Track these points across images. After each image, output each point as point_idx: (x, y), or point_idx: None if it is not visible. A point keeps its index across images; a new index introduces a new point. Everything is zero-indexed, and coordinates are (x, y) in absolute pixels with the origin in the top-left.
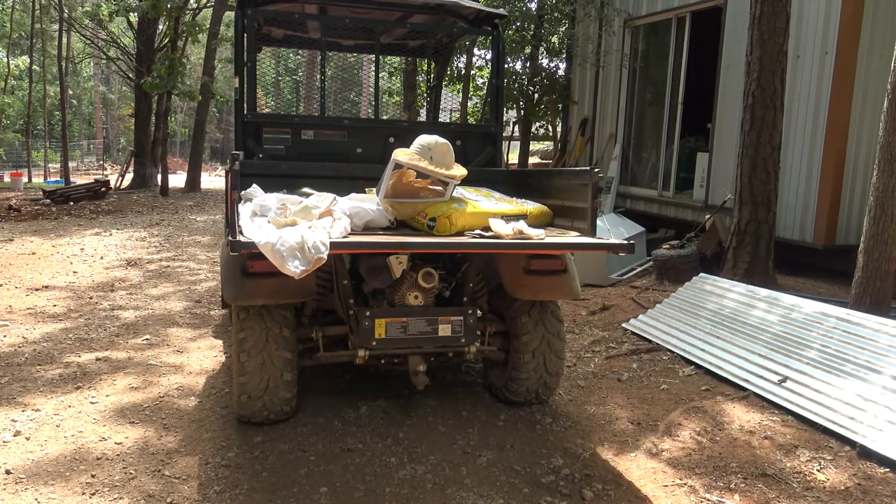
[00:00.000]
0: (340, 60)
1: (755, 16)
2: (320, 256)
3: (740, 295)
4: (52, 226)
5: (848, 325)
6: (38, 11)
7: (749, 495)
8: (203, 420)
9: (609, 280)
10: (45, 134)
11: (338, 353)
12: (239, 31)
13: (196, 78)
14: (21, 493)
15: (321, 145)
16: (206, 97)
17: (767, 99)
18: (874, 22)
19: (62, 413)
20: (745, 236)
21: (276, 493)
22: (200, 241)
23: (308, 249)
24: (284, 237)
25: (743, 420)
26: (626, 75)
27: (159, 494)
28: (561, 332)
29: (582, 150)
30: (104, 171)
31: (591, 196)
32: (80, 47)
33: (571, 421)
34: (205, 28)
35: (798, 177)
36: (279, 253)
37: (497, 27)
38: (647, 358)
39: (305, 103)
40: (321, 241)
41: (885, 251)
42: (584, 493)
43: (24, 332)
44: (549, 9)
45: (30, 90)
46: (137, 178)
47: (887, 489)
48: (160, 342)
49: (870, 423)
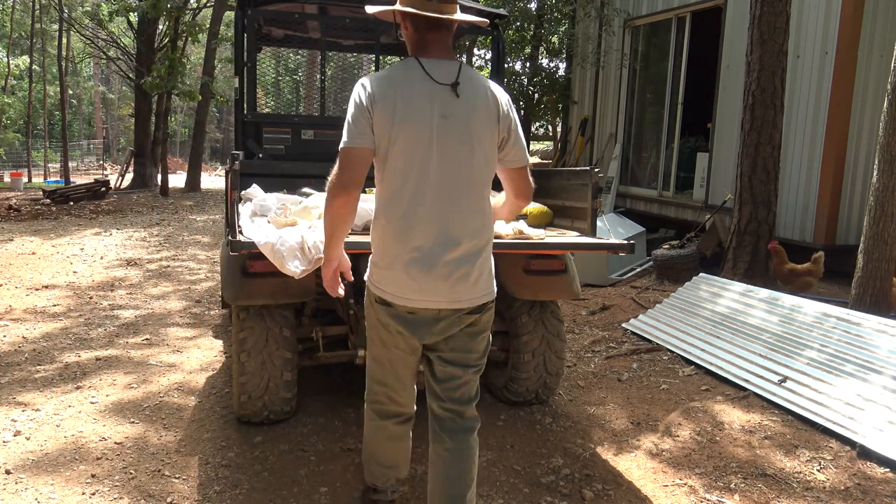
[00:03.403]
0: (340, 60)
1: (755, 16)
2: (320, 256)
3: (740, 295)
4: (52, 226)
5: (848, 325)
6: (38, 11)
7: (749, 495)
8: (203, 420)
9: (609, 280)
10: (45, 134)
11: (338, 353)
12: (239, 31)
13: (196, 78)
14: (21, 492)
15: (321, 145)
16: (206, 97)
17: (767, 99)
18: (874, 22)
19: (62, 413)
20: (745, 236)
21: (276, 493)
22: (200, 241)
23: (308, 249)
24: (284, 237)
25: (743, 420)
26: (626, 75)
27: (159, 494)
28: (561, 332)
29: (582, 150)
30: (104, 171)
31: (591, 196)
32: (80, 47)
33: (571, 421)
34: (205, 28)
35: (798, 177)
36: (279, 253)
37: (497, 27)
38: (647, 358)
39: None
40: (321, 240)
41: (885, 251)
42: (584, 493)
43: (24, 331)
44: (549, 9)
45: (30, 90)
46: (137, 178)
47: (887, 489)
48: (160, 342)
49: (870, 423)
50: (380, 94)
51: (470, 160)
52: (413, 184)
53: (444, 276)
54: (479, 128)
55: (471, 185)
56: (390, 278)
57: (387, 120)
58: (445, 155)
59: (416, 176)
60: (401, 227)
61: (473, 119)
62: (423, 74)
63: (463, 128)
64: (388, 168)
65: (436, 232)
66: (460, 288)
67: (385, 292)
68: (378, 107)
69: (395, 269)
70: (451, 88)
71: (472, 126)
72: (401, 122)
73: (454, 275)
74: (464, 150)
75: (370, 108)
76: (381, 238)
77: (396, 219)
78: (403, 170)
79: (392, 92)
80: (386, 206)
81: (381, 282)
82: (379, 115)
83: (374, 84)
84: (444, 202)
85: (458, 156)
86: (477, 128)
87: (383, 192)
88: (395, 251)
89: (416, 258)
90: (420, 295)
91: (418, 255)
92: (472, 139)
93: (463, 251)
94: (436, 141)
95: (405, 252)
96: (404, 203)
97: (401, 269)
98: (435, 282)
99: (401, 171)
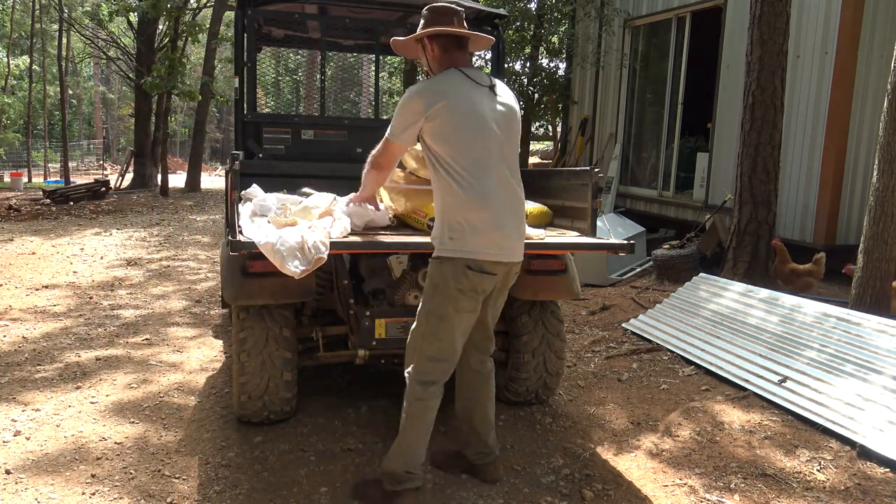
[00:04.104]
0: (340, 60)
1: (755, 16)
2: (321, 256)
3: (740, 295)
4: (52, 226)
5: (848, 325)
6: (38, 11)
7: (749, 495)
8: (203, 420)
9: (609, 280)
10: (45, 134)
11: (338, 353)
12: (239, 31)
13: (196, 78)
14: (21, 493)
15: (321, 145)
16: (206, 97)
17: (767, 99)
18: (874, 22)
19: (62, 413)
20: (745, 236)
21: (276, 493)
22: (200, 241)
23: (308, 249)
24: (284, 237)
25: (743, 420)
26: (626, 75)
27: (159, 494)
28: (561, 332)
29: (582, 150)
30: (104, 171)
31: (591, 196)
32: (80, 47)
33: (571, 421)
34: (205, 28)
35: (798, 177)
36: (279, 253)
37: (497, 27)
38: (647, 358)
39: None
40: (321, 240)
41: (885, 251)
42: (584, 493)
43: (24, 331)
44: (549, 9)
45: (30, 90)
46: (137, 178)
47: (887, 489)
48: (160, 342)
49: (870, 423)
50: (440, 95)
51: (510, 146)
52: (481, 164)
53: (509, 236)
54: (513, 121)
55: (515, 164)
56: (479, 242)
57: (453, 112)
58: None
59: (483, 156)
60: (477, 196)
61: (508, 114)
62: (466, 78)
63: (503, 120)
64: (461, 152)
65: (503, 200)
66: (518, 246)
67: (476, 254)
68: (440, 103)
69: (483, 232)
70: (489, 90)
71: (508, 119)
72: (463, 113)
73: (515, 235)
74: (505, 137)
75: (430, 106)
76: (463, 209)
77: (476, 190)
78: (471, 153)
79: (450, 91)
80: (463, 183)
81: (469, 246)
82: (442, 110)
83: (431, 86)
84: (502, 177)
85: (502, 141)
86: (512, 121)
87: (459, 174)
88: (476, 216)
89: (497, 223)
90: (501, 252)
91: (497, 220)
92: (511, 130)
93: (518, 217)
94: (490, 129)
95: (487, 217)
96: (480, 178)
97: (488, 231)
98: (509, 239)
99: (472, 154)
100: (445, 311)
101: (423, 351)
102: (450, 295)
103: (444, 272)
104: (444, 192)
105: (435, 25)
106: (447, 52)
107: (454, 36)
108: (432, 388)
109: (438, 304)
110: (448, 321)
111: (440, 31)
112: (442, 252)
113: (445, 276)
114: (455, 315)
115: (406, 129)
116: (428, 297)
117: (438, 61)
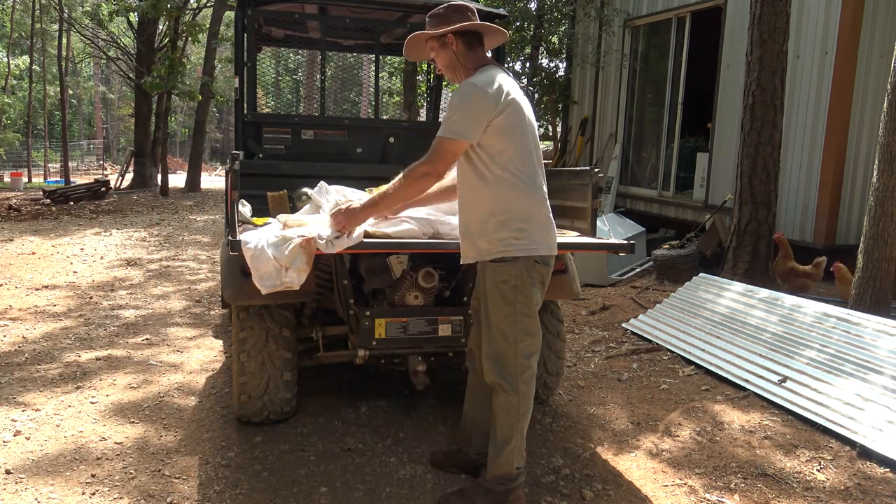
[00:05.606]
0: (340, 60)
1: (755, 16)
2: (290, 284)
3: (740, 295)
4: (52, 226)
5: (848, 325)
6: (38, 11)
7: (749, 495)
8: (203, 420)
9: (609, 280)
10: (45, 134)
11: (338, 353)
12: (239, 31)
13: (196, 78)
14: (21, 493)
15: (321, 145)
16: (206, 97)
17: (767, 99)
18: (874, 22)
19: (62, 413)
20: (745, 236)
21: (276, 493)
22: (200, 241)
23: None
24: (269, 252)
25: (743, 420)
26: (626, 75)
27: (159, 494)
28: (561, 332)
29: (582, 150)
30: (104, 171)
31: (591, 196)
32: (80, 47)
33: (571, 421)
34: (205, 28)
35: (798, 177)
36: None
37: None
38: (647, 358)
39: (305, 103)
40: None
41: (885, 251)
42: (584, 493)
43: (24, 331)
44: (549, 9)
45: (30, 90)
46: (137, 178)
47: (887, 489)
48: (160, 342)
49: (870, 423)
50: (507, 89)
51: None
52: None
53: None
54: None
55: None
56: (541, 237)
57: (516, 107)
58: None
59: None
60: (534, 192)
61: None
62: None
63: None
64: (522, 148)
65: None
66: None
67: (540, 249)
68: (510, 97)
69: (545, 227)
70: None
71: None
72: (522, 109)
73: (554, 229)
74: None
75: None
76: (523, 204)
77: (533, 187)
78: (527, 149)
79: (510, 86)
80: (525, 179)
81: (535, 243)
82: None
83: (491, 80)
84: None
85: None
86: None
87: (520, 170)
88: (535, 213)
89: (550, 217)
90: (553, 246)
91: (550, 215)
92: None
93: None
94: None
95: (543, 213)
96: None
97: (548, 226)
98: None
99: (528, 151)
100: (530, 308)
101: (519, 353)
102: (529, 291)
103: (519, 271)
104: (499, 190)
105: (454, 23)
106: (472, 48)
107: (476, 32)
108: (535, 357)
109: (523, 303)
110: (534, 316)
111: (470, 26)
112: (509, 252)
113: (521, 274)
114: (536, 308)
115: (477, 125)
116: (507, 301)
117: (464, 58)
